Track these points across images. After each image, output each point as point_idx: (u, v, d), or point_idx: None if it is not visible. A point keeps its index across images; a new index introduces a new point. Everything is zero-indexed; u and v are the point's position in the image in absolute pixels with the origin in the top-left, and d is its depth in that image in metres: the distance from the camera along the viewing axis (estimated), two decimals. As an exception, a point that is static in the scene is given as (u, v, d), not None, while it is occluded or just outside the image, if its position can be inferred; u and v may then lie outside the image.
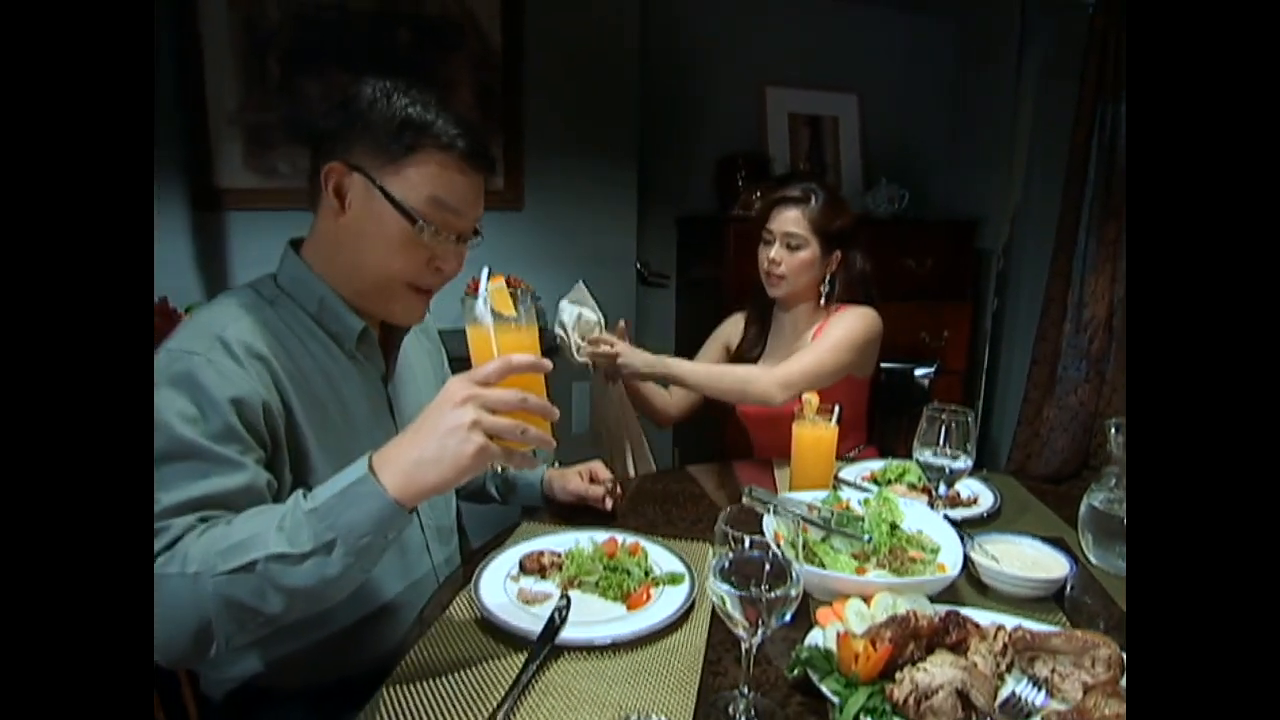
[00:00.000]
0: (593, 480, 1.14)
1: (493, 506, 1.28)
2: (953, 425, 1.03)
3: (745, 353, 1.65)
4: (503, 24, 2.37)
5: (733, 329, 1.73)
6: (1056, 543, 1.01)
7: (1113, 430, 1.06)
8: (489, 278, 0.78)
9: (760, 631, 0.64)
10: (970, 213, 2.74)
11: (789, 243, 1.51)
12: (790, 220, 1.50)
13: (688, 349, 2.72)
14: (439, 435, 0.69)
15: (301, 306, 0.92)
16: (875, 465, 1.32)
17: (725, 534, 0.64)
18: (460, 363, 1.24)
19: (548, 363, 0.75)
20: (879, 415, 1.71)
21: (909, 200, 2.64)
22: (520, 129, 2.43)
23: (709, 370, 1.49)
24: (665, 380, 1.47)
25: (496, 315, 0.76)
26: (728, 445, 1.87)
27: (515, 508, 1.66)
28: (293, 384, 0.86)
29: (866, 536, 0.92)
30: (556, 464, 1.24)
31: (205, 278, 2.33)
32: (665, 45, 2.59)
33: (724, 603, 0.63)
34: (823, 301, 1.57)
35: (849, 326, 1.48)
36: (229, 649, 0.71)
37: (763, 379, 1.39)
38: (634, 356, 1.41)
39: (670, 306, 2.80)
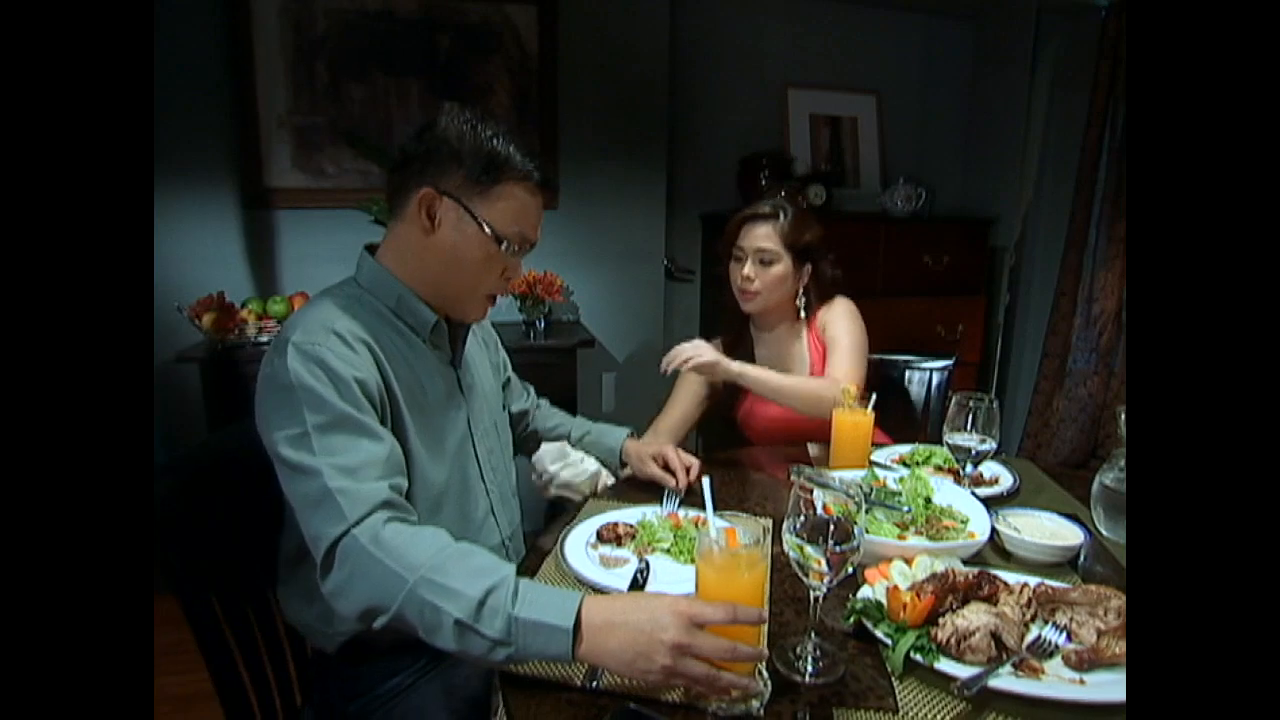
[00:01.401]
0: (666, 467, 1.27)
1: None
2: (979, 411, 1.16)
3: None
4: (539, 30, 2.48)
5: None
6: (1071, 517, 1.12)
7: (1123, 417, 1.18)
8: (714, 514, 0.79)
9: (827, 582, 0.76)
10: (984, 211, 2.85)
11: (761, 258, 1.55)
12: (761, 236, 1.54)
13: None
14: (634, 653, 0.72)
15: (382, 302, 1.04)
16: (903, 449, 1.44)
17: (799, 500, 0.76)
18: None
19: (765, 615, 0.75)
20: (894, 404, 1.83)
21: (925, 198, 2.75)
22: (555, 131, 2.55)
23: (782, 382, 1.49)
24: (740, 384, 1.50)
25: (730, 554, 0.75)
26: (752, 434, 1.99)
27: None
28: (390, 365, 0.99)
29: (906, 508, 1.04)
30: (633, 434, 1.38)
31: (256, 273, 2.45)
32: (691, 49, 2.70)
33: (804, 556, 0.75)
34: (801, 315, 1.63)
35: (851, 326, 1.56)
36: (378, 628, 0.84)
37: (833, 391, 1.42)
38: (728, 364, 1.45)
39: (695, 301, 2.92)
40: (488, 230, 0.98)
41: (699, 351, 1.41)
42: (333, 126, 2.42)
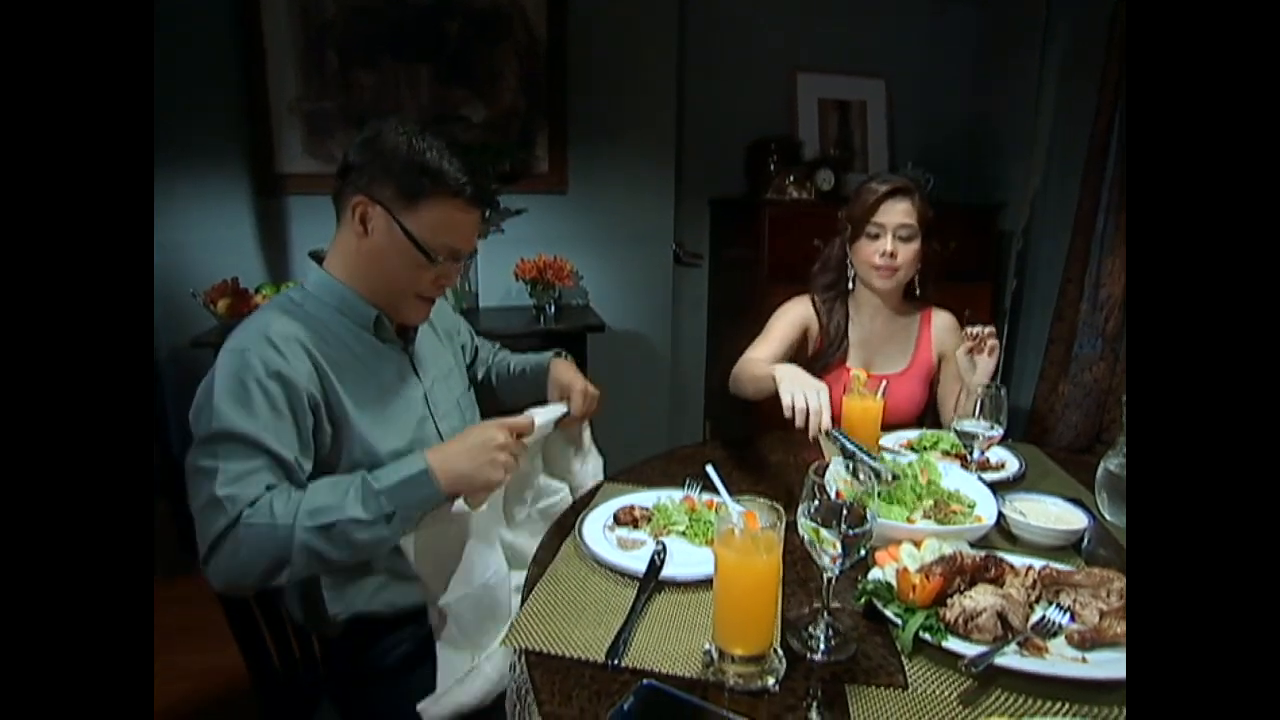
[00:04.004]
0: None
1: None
2: (987, 398, 1.18)
3: (825, 348, 1.64)
4: (548, 15, 2.48)
5: (807, 316, 1.65)
6: (1075, 502, 1.15)
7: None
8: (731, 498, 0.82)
9: (840, 565, 0.79)
10: (992, 196, 2.84)
11: (901, 234, 1.53)
12: (901, 212, 1.52)
13: (720, 328, 2.87)
14: (481, 461, 0.98)
15: (327, 303, 1.10)
16: (911, 434, 1.46)
17: (814, 484, 0.79)
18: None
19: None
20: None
21: (933, 183, 2.75)
22: (564, 116, 2.55)
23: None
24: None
25: (749, 536, 0.76)
26: (761, 418, 2.01)
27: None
28: (326, 361, 1.04)
29: (892, 476, 1.07)
30: (561, 353, 1.43)
31: (269, 258, 2.48)
32: (700, 32, 2.69)
33: (819, 539, 0.78)
34: (918, 292, 1.64)
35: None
36: (289, 581, 0.97)
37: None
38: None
39: (703, 286, 2.94)
40: (413, 240, 1.03)
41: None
42: (343, 112, 2.44)
